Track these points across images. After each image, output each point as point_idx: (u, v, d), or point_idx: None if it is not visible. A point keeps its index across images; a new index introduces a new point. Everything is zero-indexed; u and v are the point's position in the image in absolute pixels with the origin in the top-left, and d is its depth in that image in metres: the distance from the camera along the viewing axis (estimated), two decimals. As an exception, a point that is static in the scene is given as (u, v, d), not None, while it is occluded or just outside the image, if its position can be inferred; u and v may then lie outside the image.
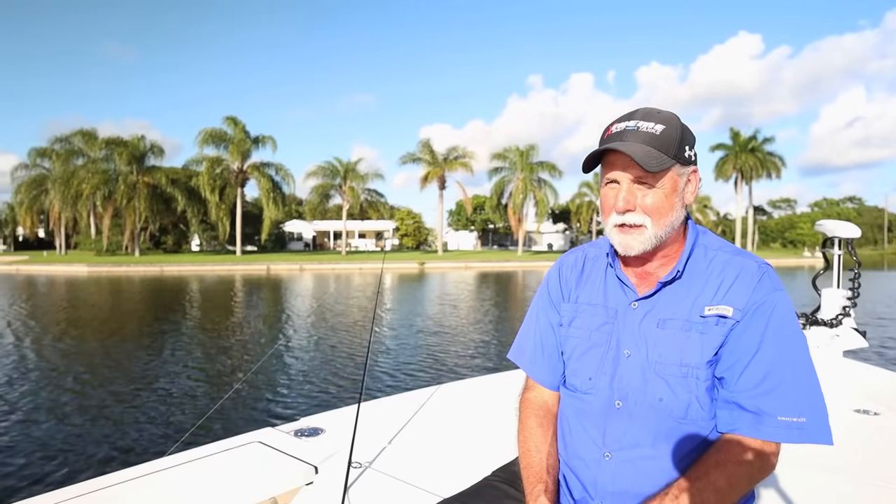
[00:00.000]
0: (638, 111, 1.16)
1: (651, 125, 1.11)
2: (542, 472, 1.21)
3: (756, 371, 1.08)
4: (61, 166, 45.64)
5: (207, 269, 36.10)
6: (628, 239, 1.14)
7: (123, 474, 1.60)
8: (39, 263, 39.54)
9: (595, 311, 1.24)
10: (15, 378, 7.65)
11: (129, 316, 15.19)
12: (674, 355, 1.13)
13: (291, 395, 6.76)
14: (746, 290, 1.11)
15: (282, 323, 13.45)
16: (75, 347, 10.11)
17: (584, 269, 1.31)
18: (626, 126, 1.13)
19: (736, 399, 1.09)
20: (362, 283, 27.66)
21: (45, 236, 65.35)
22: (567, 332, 1.28)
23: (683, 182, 1.15)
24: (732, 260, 1.15)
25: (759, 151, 53.83)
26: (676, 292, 1.16)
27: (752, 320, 1.09)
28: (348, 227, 55.69)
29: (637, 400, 1.15)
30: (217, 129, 45.41)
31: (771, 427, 1.06)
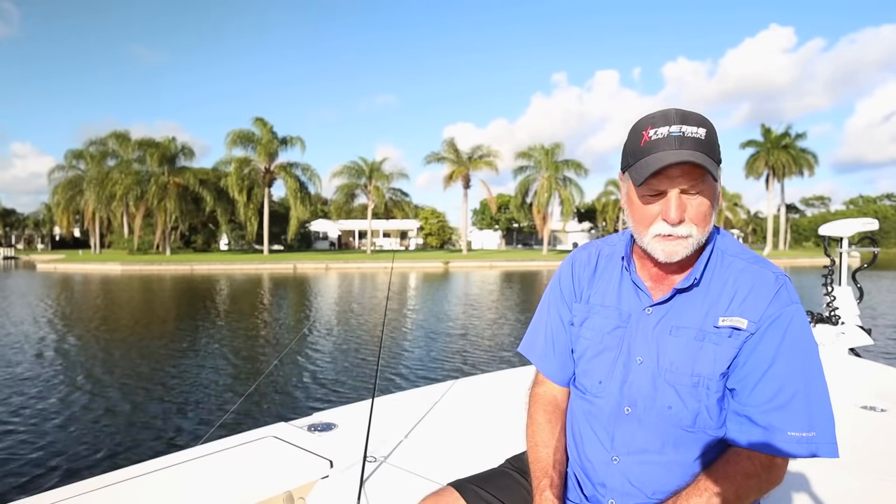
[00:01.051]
0: (671, 113, 1.08)
1: (694, 129, 1.06)
2: (548, 468, 1.21)
3: (769, 386, 1.06)
4: (96, 168, 47.01)
5: (236, 268, 36.74)
6: (674, 247, 1.10)
7: (138, 468, 1.63)
8: (75, 262, 40.76)
9: (608, 313, 1.23)
10: (60, 370, 7.95)
11: (162, 313, 15.57)
12: (685, 364, 1.12)
13: (315, 388, 6.84)
14: (762, 303, 1.08)
15: (308, 319, 13.60)
16: (113, 342, 10.41)
17: (598, 267, 1.29)
18: (670, 132, 1.06)
19: (747, 413, 1.08)
20: (386, 281, 27.78)
21: (80, 236, 67.34)
22: (578, 333, 1.27)
23: (718, 188, 1.12)
24: (749, 269, 1.13)
25: (791, 148, 52.52)
26: (691, 299, 1.14)
27: (766, 334, 1.07)
28: (373, 227, 56.05)
29: (646, 407, 1.15)
30: (245, 131, 46.18)
31: (781, 442, 1.05)
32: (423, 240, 65.52)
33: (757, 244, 64.07)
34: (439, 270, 37.73)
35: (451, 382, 2.76)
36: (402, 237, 69.54)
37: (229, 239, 54.65)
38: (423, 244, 65.99)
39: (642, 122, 1.11)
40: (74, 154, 49.93)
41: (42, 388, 7.04)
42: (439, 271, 36.85)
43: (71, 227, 56.91)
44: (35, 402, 6.46)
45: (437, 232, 64.10)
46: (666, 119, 1.08)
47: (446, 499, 1.23)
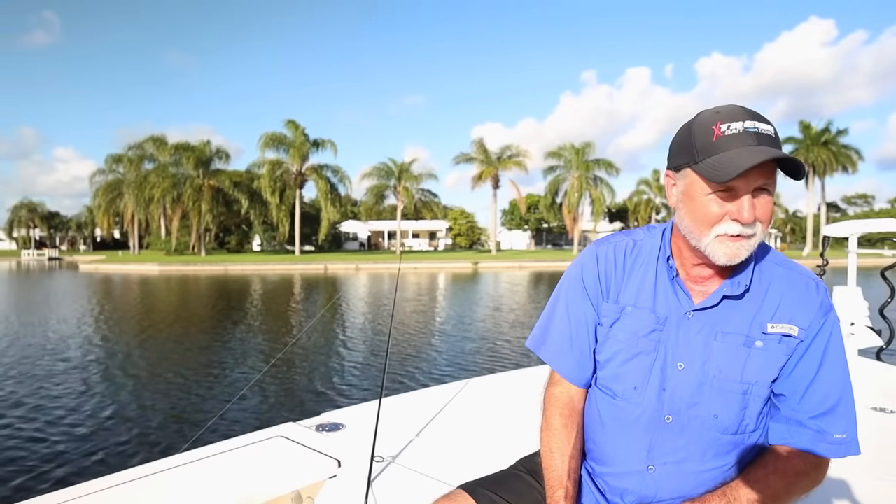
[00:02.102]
0: (737, 109, 1.03)
1: (766, 126, 1.01)
2: (563, 477, 1.17)
3: (817, 392, 1.08)
4: (134, 171, 48.49)
5: (268, 269, 37.39)
6: (738, 249, 1.03)
7: (148, 468, 1.65)
8: (115, 263, 42.08)
9: (642, 315, 1.16)
10: (102, 364, 8.24)
11: (198, 311, 15.96)
12: (734, 371, 1.09)
13: (338, 383, 6.92)
14: (811, 310, 1.09)
15: (337, 318, 13.76)
16: (152, 340, 10.73)
17: (626, 264, 1.21)
18: (745, 127, 0.99)
19: (798, 418, 1.09)
20: (416, 282, 27.93)
21: (120, 237, 69.52)
22: (608, 334, 1.19)
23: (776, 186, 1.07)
24: (790, 276, 1.13)
25: (832, 144, 50.83)
26: (735, 305, 1.11)
27: (815, 341, 1.09)
28: (402, 227, 56.36)
29: (690, 416, 1.11)
30: (277, 133, 47.00)
31: (828, 444, 1.07)
32: (453, 240, 65.58)
33: (795, 244, 62.17)
34: (468, 271, 37.70)
35: (461, 382, 2.75)
36: (431, 238, 69.74)
37: (262, 240, 55.66)
38: (452, 245, 66.05)
39: (706, 116, 1.05)
40: (114, 158, 51.58)
41: (97, 381, 7.30)
42: (468, 272, 36.83)
43: (111, 228, 58.80)
44: (87, 393, 6.70)
45: (467, 232, 64.08)
46: (734, 115, 1.02)
47: (457, 501, 1.21)
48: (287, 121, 47.25)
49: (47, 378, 7.64)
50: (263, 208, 48.11)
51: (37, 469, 4.55)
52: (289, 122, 47.23)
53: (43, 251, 61.26)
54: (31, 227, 70.48)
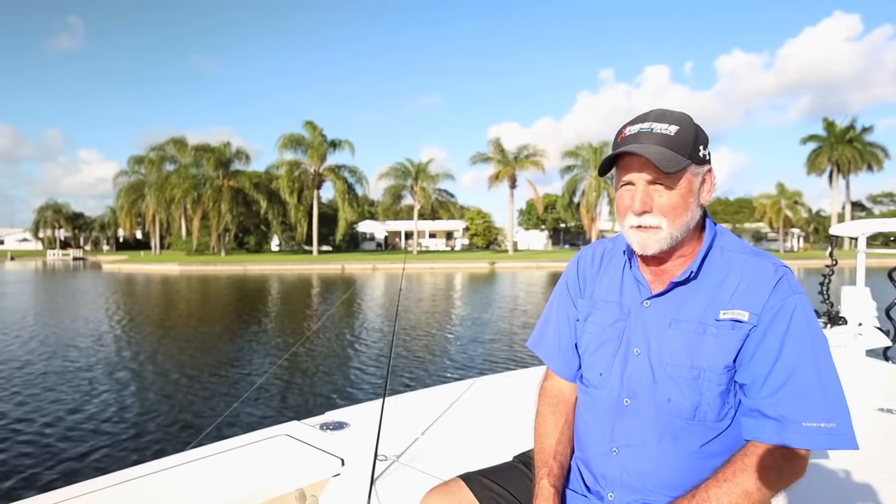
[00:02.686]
0: (651, 112, 1.16)
1: (665, 126, 1.11)
2: (549, 458, 1.25)
3: (777, 377, 1.06)
4: (156, 172, 49.27)
5: (286, 269, 37.72)
6: (645, 238, 1.14)
7: (154, 465, 1.67)
8: (137, 262, 42.80)
9: (610, 307, 1.26)
10: (119, 362, 8.39)
11: (217, 311, 16.15)
12: (685, 357, 1.13)
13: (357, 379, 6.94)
14: (763, 294, 1.09)
15: (355, 318, 13.83)
16: (170, 339, 10.89)
17: (602, 263, 1.33)
18: (641, 128, 1.13)
19: (758, 406, 1.08)
20: (432, 282, 27.95)
21: (142, 237, 70.71)
22: (583, 328, 1.30)
23: (699, 182, 1.15)
24: (749, 262, 1.14)
25: (857, 142, 49.81)
26: (690, 293, 1.16)
27: (771, 325, 1.08)
28: (419, 227, 56.47)
29: (646, 399, 1.16)
30: (296, 134, 47.40)
31: (795, 433, 1.04)
32: (469, 240, 65.53)
33: (819, 244, 60.95)
34: (485, 271, 37.64)
35: (465, 382, 2.76)
36: (447, 238, 69.78)
37: (280, 240, 56.18)
38: (468, 245, 66.01)
39: (628, 121, 1.18)
40: (136, 160, 52.47)
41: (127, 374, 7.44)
42: (485, 272, 36.77)
43: (133, 229, 59.80)
44: (118, 385, 6.82)
45: (483, 232, 63.99)
46: (644, 118, 1.15)
47: (452, 489, 1.28)
48: (305, 122, 47.73)
49: (59, 374, 7.78)
50: (282, 209, 48.56)
51: (38, 466, 4.63)
52: (307, 123, 47.65)
53: (67, 251, 62.52)
54: (56, 228, 72.00)
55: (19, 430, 5.47)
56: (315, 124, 47.48)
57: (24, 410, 6.14)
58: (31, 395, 6.79)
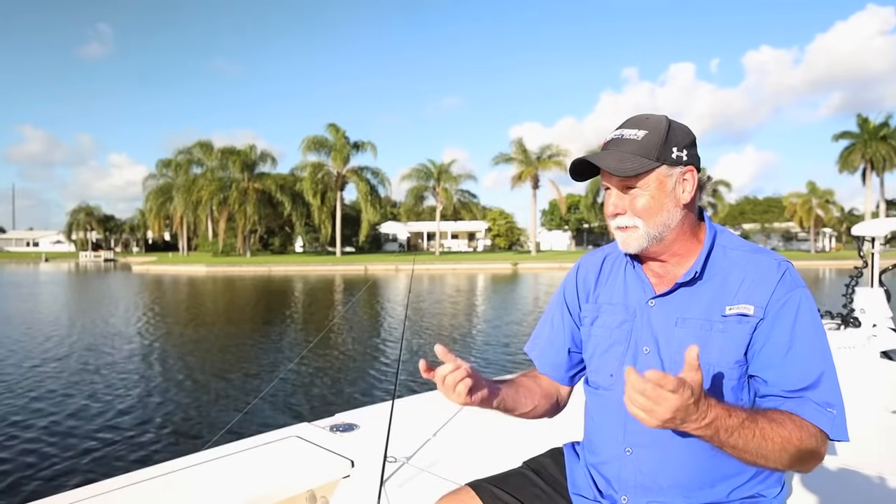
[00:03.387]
0: (629, 119, 1.22)
1: (634, 132, 1.17)
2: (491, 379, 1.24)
3: (795, 366, 1.09)
4: (183, 175, 50.24)
5: (310, 269, 38.10)
6: (625, 237, 1.20)
7: (165, 467, 1.68)
8: (165, 264, 43.70)
9: (615, 309, 1.28)
10: (155, 356, 8.57)
11: (241, 311, 16.40)
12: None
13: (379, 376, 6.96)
14: (768, 288, 1.12)
15: (377, 318, 13.89)
16: (200, 336, 11.09)
17: (603, 269, 1.36)
18: (614, 135, 1.20)
19: (777, 394, 1.10)
20: (455, 283, 27.94)
21: (170, 239, 72.09)
22: (589, 332, 1.32)
23: (673, 182, 1.17)
24: (752, 258, 1.17)
25: (892, 139, 48.34)
26: (695, 292, 1.18)
27: (778, 318, 1.10)
28: (441, 228, 56.52)
29: None
30: (319, 137, 47.88)
31: (826, 417, 1.06)
32: (492, 241, 65.38)
33: (850, 244, 59.25)
34: (507, 272, 37.50)
35: None
36: (470, 239, 69.71)
37: (304, 241, 56.78)
38: (491, 245, 65.86)
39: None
40: (164, 163, 53.55)
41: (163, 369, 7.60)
42: (507, 273, 36.63)
43: (162, 231, 61.08)
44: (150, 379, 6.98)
45: (506, 233, 63.78)
46: (623, 125, 1.21)
47: (462, 498, 1.28)
48: (328, 124, 48.19)
49: (90, 371, 7.97)
50: (305, 210, 49.10)
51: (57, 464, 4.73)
52: (330, 125, 48.11)
53: (99, 253, 64.09)
54: (88, 230, 73.85)
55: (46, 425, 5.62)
56: (338, 126, 47.93)
57: (40, 407, 6.31)
58: (51, 391, 6.96)
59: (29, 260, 61.40)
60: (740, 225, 63.84)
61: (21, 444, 5.13)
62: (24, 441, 5.22)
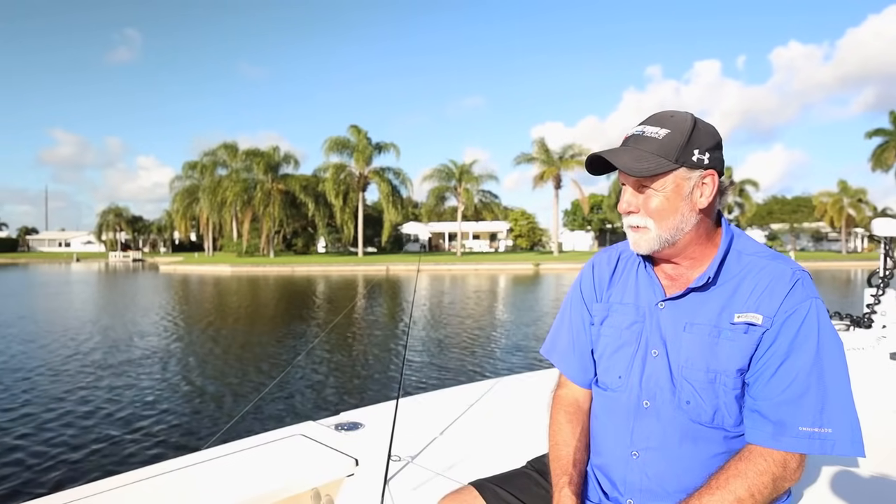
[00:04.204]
0: (653, 116, 1.17)
1: (655, 130, 1.12)
2: (568, 466, 1.23)
3: (782, 380, 1.06)
4: (208, 177, 51.08)
5: (332, 270, 38.40)
6: (636, 238, 1.18)
7: (169, 464, 1.69)
8: (191, 264, 44.45)
9: (626, 310, 1.26)
10: (180, 351, 8.74)
11: (264, 310, 16.61)
12: (700, 360, 1.13)
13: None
14: (778, 298, 1.09)
15: (399, 318, 13.94)
16: (224, 334, 11.27)
17: (617, 267, 1.33)
18: (634, 132, 1.15)
19: (759, 408, 1.09)
20: (477, 284, 27.89)
21: (196, 239, 73.41)
22: (599, 331, 1.30)
23: (691, 186, 1.12)
24: (767, 266, 1.13)
25: (927, 136, 46.83)
26: (706, 297, 1.16)
27: (782, 329, 1.08)
28: (463, 229, 56.50)
29: (665, 400, 1.16)
30: (341, 138, 48.26)
31: (791, 438, 1.04)
32: (513, 241, 65.15)
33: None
34: (529, 273, 37.30)
35: (483, 383, 2.73)
36: (491, 239, 69.56)
37: (326, 242, 57.29)
38: (512, 246, 65.63)
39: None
40: (190, 165, 54.48)
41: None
42: (529, 273, 36.44)
43: (188, 231, 62.20)
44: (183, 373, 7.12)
45: (527, 233, 63.50)
46: (646, 121, 1.16)
47: (465, 497, 1.27)
48: (350, 125, 48.52)
49: (106, 367, 8.14)
50: (328, 211, 49.52)
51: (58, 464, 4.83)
52: (352, 126, 48.43)
53: (128, 253, 65.50)
54: (117, 231, 75.58)
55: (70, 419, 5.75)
56: (360, 128, 48.25)
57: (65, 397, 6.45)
58: (76, 385, 7.13)
59: (61, 260, 63.04)
60: (768, 225, 62.55)
61: (47, 436, 5.26)
62: (51, 432, 5.35)
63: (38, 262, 60.64)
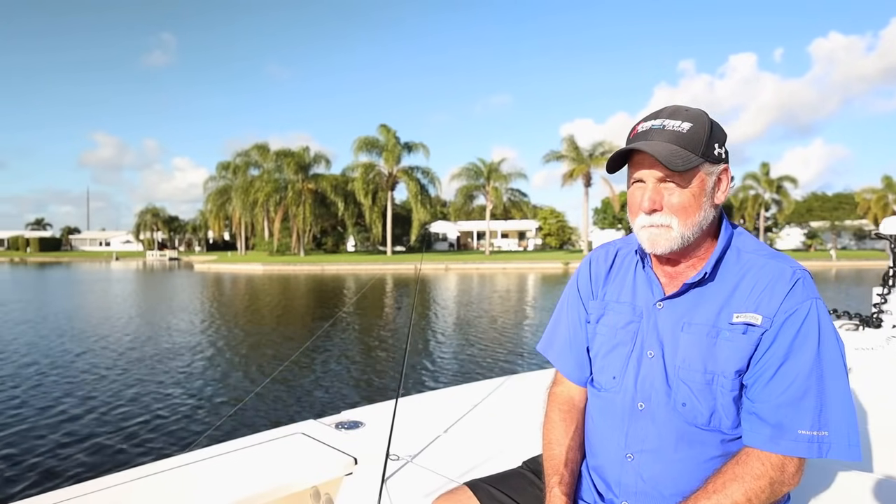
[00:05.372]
0: (665, 109, 1.13)
1: (677, 123, 1.09)
2: (560, 465, 1.22)
3: (780, 382, 1.04)
4: (241, 177, 52.08)
5: (361, 269, 38.73)
6: (655, 236, 1.12)
7: (171, 462, 1.70)
8: (225, 263, 45.40)
9: (622, 309, 1.23)
10: (218, 346, 8.95)
11: (299, 307, 16.84)
12: (697, 361, 1.10)
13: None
14: (777, 298, 1.06)
15: (426, 317, 13.96)
16: (256, 331, 11.48)
17: (614, 265, 1.30)
18: (653, 125, 1.11)
19: (757, 410, 1.06)
20: (506, 283, 27.75)
21: (229, 239, 75.02)
22: (594, 330, 1.27)
23: (713, 181, 1.11)
24: (766, 264, 1.10)
25: (979, 129, 44.75)
26: (705, 296, 1.13)
27: (781, 330, 1.05)
28: (491, 227, 56.34)
29: (660, 402, 1.13)
30: (371, 137, 48.61)
31: (790, 441, 1.03)
32: (542, 240, 64.69)
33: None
34: (558, 272, 36.96)
35: (485, 382, 2.72)
36: (520, 238, 69.19)
37: (355, 241, 57.84)
38: (541, 245, 65.15)
39: (643, 118, 1.16)
40: (224, 165, 55.65)
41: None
42: (558, 272, 36.10)
43: (222, 231, 63.54)
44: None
45: (557, 232, 62.97)
46: (658, 114, 1.13)
47: (460, 497, 1.27)
48: (380, 125, 48.82)
49: (140, 361, 8.34)
50: (357, 210, 49.97)
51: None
52: (381, 126, 48.73)
53: (164, 252, 67.31)
54: (154, 230, 77.70)
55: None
56: (389, 127, 48.51)
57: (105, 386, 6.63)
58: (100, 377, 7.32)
59: (101, 259, 65.15)
60: (807, 223, 60.70)
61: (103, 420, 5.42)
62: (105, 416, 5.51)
63: (80, 260, 62.80)
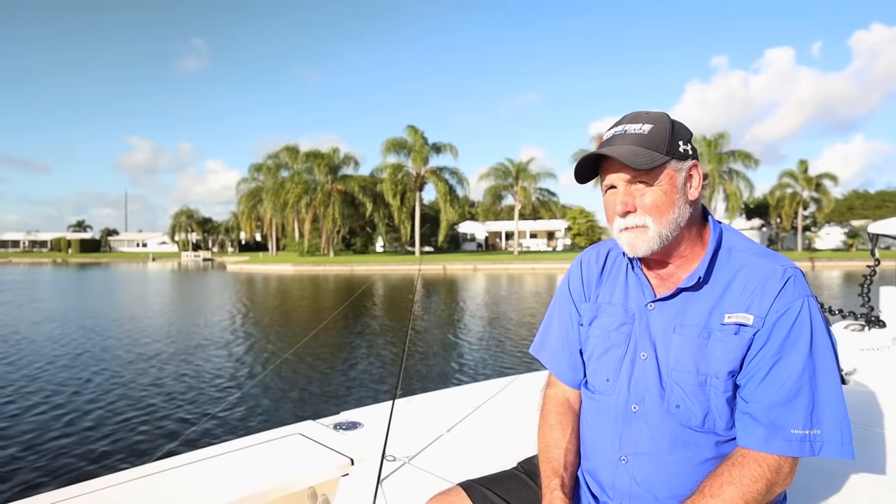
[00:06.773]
0: (626, 116, 1.15)
1: (638, 126, 1.11)
2: (559, 468, 1.21)
3: (774, 382, 1.04)
4: (272, 179, 52.96)
5: (390, 269, 38.97)
6: (633, 239, 1.12)
7: (168, 462, 1.71)
8: (256, 263, 46.27)
9: (615, 311, 1.23)
10: (249, 343, 9.11)
11: (324, 309, 17.03)
12: (690, 363, 1.10)
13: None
14: (769, 297, 1.06)
15: (453, 318, 13.94)
16: (287, 329, 11.63)
17: (606, 266, 1.30)
18: (615, 132, 1.13)
19: (750, 411, 1.06)
20: (535, 283, 27.55)
21: (260, 239, 76.39)
22: (587, 332, 1.27)
23: (683, 178, 1.12)
24: (758, 263, 1.10)
25: None
26: (696, 296, 1.13)
27: (773, 329, 1.05)
28: (520, 228, 56.02)
29: (653, 405, 1.13)
30: (399, 138, 48.88)
31: (783, 441, 1.03)
32: (571, 240, 64.00)
33: (984, 241, 52.63)
34: (588, 272, 36.52)
35: (480, 384, 2.71)
36: (549, 238, 68.65)
37: (384, 241, 58.21)
38: (571, 245, 64.49)
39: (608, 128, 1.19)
40: (255, 167, 56.71)
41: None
42: (588, 272, 35.66)
43: (253, 232, 64.71)
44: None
45: (586, 232, 62.19)
46: (620, 122, 1.15)
47: (453, 498, 1.27)
48: (407, 126, 49.06)
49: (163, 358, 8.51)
50: (386, 211, 50.29)
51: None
52: (409, 127, 48.95)
53: (198, 253, 68.96)
54: (188, 232, 79.68)
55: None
56: (416, 128, 48.67)
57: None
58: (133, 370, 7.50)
59: (138, 259, 67.06)
60: (848, 221, 58.65)
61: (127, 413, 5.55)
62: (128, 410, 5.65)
63: (119, 261, 64.78)
